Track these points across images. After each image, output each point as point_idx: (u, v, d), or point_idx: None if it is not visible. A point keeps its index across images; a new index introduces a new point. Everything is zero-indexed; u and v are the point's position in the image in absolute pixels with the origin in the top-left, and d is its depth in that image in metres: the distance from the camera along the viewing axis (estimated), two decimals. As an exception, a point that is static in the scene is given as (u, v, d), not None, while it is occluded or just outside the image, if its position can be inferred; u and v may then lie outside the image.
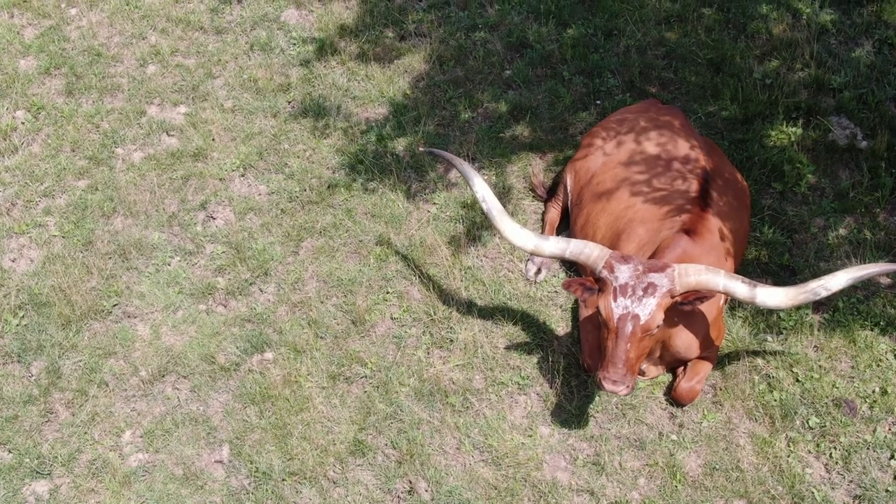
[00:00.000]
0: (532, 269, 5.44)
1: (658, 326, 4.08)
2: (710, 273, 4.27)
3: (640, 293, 3.92)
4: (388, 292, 5.57)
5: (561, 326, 5.35)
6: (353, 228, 5.88)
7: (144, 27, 7.24)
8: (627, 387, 4.11)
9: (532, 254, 4.49)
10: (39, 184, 6.30)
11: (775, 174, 5.91)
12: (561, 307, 5.44)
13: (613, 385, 4.04)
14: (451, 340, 5.30)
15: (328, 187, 6.13)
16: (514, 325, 5.33)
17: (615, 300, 3.91)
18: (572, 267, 5.50)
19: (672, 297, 4.07)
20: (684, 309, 4.28)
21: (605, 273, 4.01)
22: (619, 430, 4.96)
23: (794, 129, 6.10)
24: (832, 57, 6.50)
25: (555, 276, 5.58)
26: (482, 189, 4.27)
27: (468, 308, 5.39)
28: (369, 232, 5.86)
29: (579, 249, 4.14)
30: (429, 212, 5.93)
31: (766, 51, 6.61)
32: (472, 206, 5.89)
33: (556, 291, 5.50)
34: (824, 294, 4.17)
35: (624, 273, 3.95)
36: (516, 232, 4.23)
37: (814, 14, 6.74)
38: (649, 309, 3.91)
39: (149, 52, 7.06)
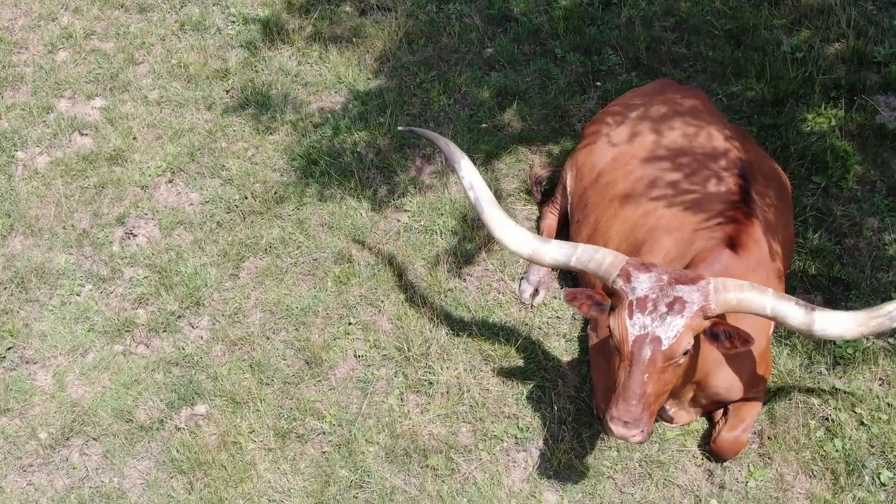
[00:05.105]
0: (528, 289, 4.83)
1: (685, 354, 3.40)
2: (754, 291, 3.49)
3: (664, 310, 3.28)
4: (350, 323, 4.93)
5: (567, 361, 4.69)
6: (305, 244, 5.27)
7: (55, 6, 6.73)
8: (642, 431, 3.41)
9: (529, 260, 3.81)
10: (-80, 197, 5.61)
11: (816, 166, 5.38)
12: (565, 336, 4.76)
13: (625, 428, 3.38)
14: (431, 383, 4.69)
15: (275, 194, 5.55)
16: (507, 361, 4.69)
17: (631, 317, 3.27)
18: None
19: (706, 316, 3.37)
20: (715, 347, 3.53)
21: (619, 283, 3.36)
22: (645, 494, 4.30)
23: (834, 110, 5.62)
24: (872, 25, 6.06)
25: (555, 298, 4.91)
26: (470, 174, 3.66)
27: (450, 341, 4.79)
28: (326, 248, 5.25)
29: (589, 256, 3.48)
30: (399, 221, 5.36)
31: (795, 19, 6.18)
32: (453, 212, 5.28)
33: (558, 317, 4.84)
34: None
35: (644, 283, 3.30)
36: (510, 231, 3.62)
37: (847, -25, 6.36)
38: (675, 330, 3.24)
39: (59, 35, 6.54)
